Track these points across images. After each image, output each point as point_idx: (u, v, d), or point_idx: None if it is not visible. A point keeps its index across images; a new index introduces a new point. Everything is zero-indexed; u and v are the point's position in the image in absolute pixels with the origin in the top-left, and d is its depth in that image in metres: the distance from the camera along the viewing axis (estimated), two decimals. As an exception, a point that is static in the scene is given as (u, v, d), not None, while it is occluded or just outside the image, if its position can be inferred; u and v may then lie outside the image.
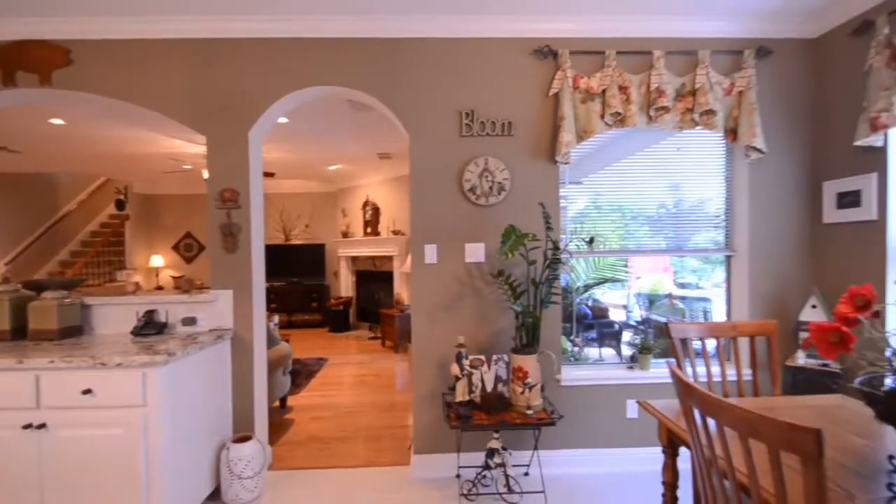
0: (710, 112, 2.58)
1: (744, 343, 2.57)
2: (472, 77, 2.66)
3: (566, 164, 2.67)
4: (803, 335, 2.54)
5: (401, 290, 6.57)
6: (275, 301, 7.49)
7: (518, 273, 2.55)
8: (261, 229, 2.80)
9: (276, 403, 3.71)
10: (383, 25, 2.60)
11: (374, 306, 7.15)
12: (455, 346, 2.51)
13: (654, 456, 2.71)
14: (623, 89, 2.61)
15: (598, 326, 4.10)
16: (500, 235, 2.40)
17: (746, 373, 2.50)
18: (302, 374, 4.84)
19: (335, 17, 2.55)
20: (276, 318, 5.64)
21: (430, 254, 2.64)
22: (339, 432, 3.34)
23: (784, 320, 2.67)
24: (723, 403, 1.00)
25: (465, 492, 2.40)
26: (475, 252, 2.65)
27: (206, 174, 2.70)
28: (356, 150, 5.71)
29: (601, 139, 2.78)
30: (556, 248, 2.38)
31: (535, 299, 2.40)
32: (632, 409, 2.70)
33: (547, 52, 2.65)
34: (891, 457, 1.19)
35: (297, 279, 7.84)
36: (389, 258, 6.93)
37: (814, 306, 2.53)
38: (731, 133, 2.65)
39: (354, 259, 7.69)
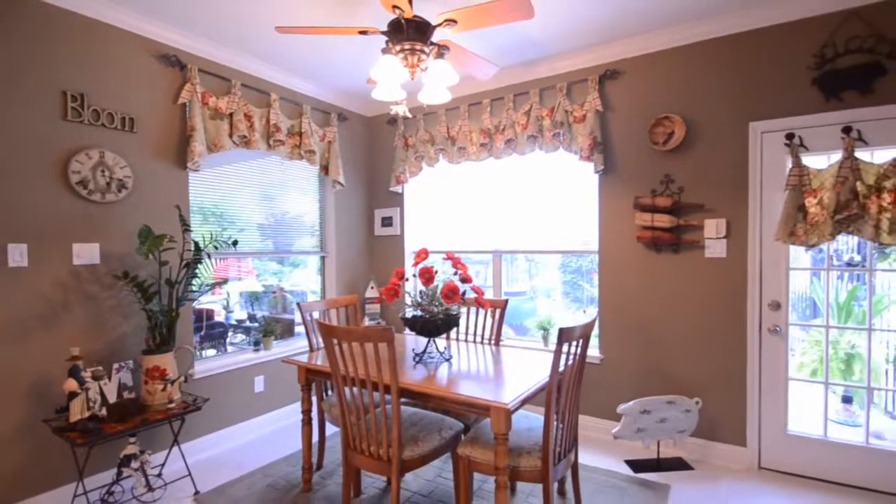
0: (311, 151, 3.50)
1: (342, 312, 3.63)
2: (84, 58, 2.39)
3: (196, 171, 2.86)
4: (368, 306, 3.88)
5: None
6: None
7: (145, 274, 2.51)
8: None
9: None
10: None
11: None
12: (66, 359, 2.18)
13: (279, 416, 3.35)
14: (248, 117, 3.10)
15: (207, 328, 4.27)
16: (121, 235, 2.36)
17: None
18: None
19: None
20: None
21: (18, 255, 2.15)
22: None
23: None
24: (350, 328, 1.77)
25: (87, 519, 2.13)
26: (88, 253, 2.37)
27: None
28: None
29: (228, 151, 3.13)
30: (197, 249, 2.55)
31: (171, 298, 2.48)
32: (258, 384, 3.19)
33: (175, 62, 2.76)
34: (413, 350, 2.35)
35: None
36: None
37: (372, 287, 3.92)
38: (325, 169, 3.69)
39: None
